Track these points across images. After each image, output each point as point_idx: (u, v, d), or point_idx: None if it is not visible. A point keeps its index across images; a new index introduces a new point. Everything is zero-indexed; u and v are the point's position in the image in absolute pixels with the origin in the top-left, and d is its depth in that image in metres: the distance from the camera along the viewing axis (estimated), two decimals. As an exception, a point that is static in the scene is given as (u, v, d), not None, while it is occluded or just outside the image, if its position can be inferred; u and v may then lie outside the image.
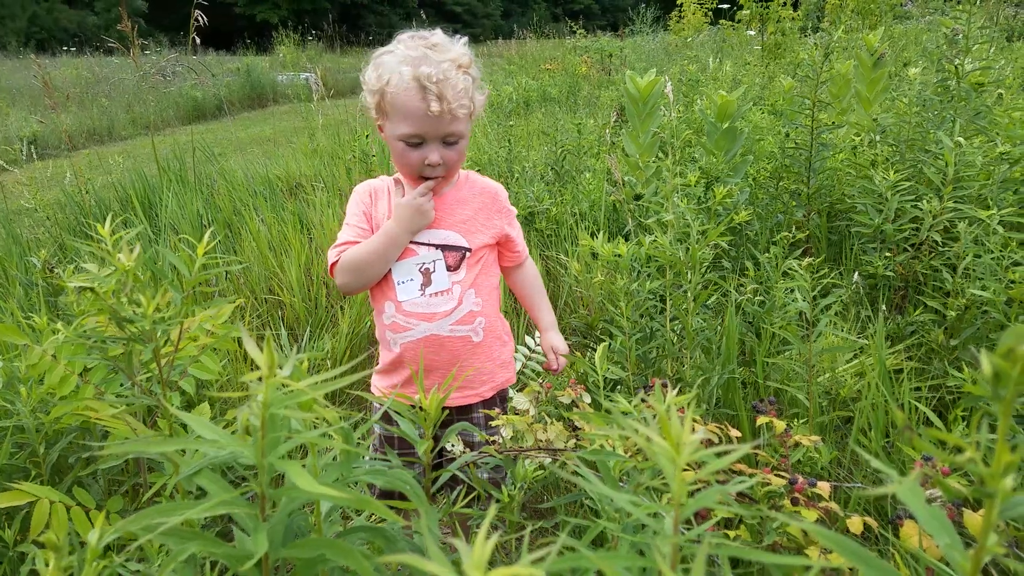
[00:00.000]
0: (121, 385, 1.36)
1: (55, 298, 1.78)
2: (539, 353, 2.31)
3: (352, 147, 4.11)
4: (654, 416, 0.88)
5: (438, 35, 1.41)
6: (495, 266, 1.54)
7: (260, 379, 0.62)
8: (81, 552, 0.67)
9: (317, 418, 0.76)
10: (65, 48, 17.47)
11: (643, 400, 0.95)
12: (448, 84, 1.32)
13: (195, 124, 9.64)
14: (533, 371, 2.28)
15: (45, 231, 3.38)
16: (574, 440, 1.11)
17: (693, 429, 0.58)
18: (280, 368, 0.64)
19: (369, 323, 2.40)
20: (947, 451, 1.33)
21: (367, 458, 0.92)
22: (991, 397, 0.39)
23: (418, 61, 1.32)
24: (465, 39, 1.42)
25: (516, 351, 2.23)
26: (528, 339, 2.38)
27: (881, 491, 0.42)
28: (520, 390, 1.37)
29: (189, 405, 1.80)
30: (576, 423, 1.07)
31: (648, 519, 0.51)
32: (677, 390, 0.95)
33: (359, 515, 0.99)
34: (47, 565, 0.61)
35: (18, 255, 2.75)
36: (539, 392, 1.25)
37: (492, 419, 1.16)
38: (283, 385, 0.65)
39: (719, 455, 0.51)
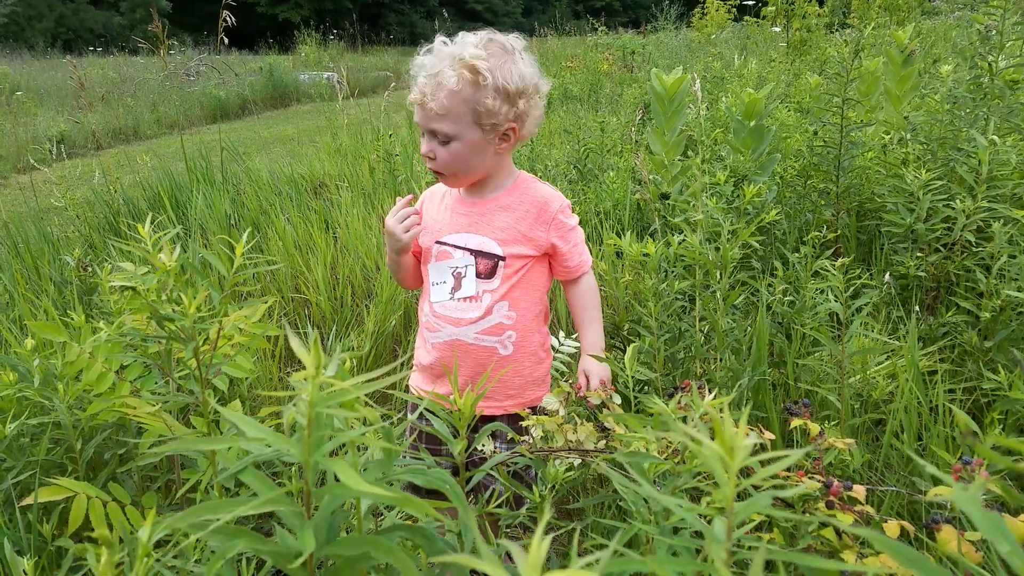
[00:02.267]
0: (156, 383, 1.38)
1: (88, 296, 1.81)
2: (563, 353, 2.31)
3: (376, 146, 4.13)
4: (701, 417, 0.87)
5: (479, 35, 1.37)
6: (542, 278, 1.48)
7: (306, 379, 0.62)
8: (130, 543, 0.68)
9: (357, 417, 0.76)
10: (91, 48, 17.72)
11: (679, 402, 0.95)
12: (432, 78, 1.31)
13: (219, 123, 9.73)
14: (558, 371, 2.28)
15: (75, 230, 3.43)
16: (604, 441, 1.11)
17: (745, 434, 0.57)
18: (325, 368, 0.65)
19: (394, 323, 2.41)
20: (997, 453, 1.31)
21: (405, 457, 0.92)
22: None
23: (429, 50, 1.35)
24: (502, 42, 1.36)
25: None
26: (553, 339, 2.38)
27: (942, 498, 0.42)
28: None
29: (221, 402, 1.82)
30: (606, 424, 1.07)
31: (697, 522, 0.51)
32: (714, 394, 0.94)
33: (390, 511, 1.00)
34: (98, 561, 0.61)
35: (50, 254, 2.80)
36: (568, 393, 1.25)
37: (516, 434, 1.16)
38: (325, 384, 0.65)
39: (765, 462, 0.50)
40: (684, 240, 1.65)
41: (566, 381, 1.40)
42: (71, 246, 3.26)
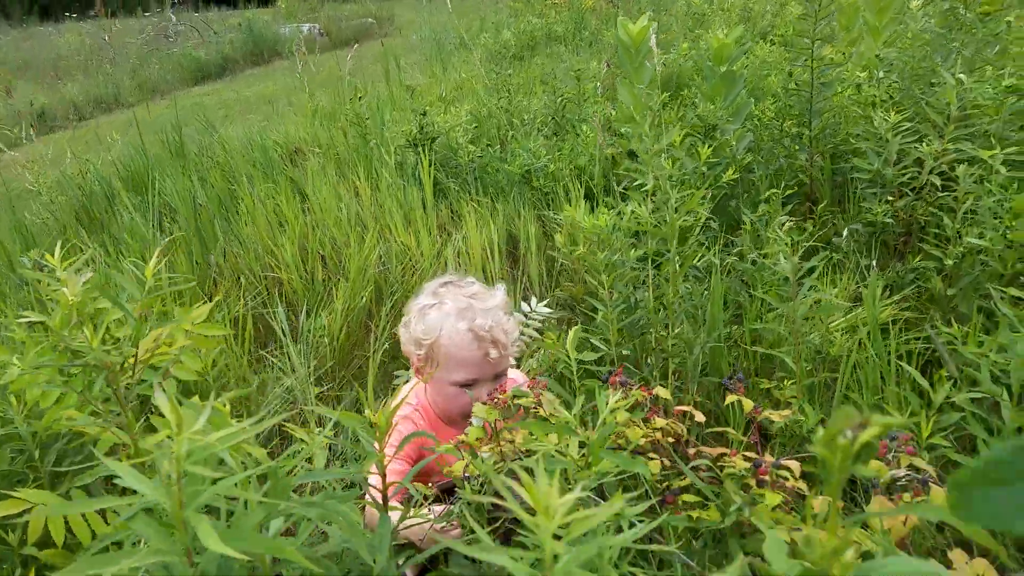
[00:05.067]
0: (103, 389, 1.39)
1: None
2: (535, 319, 2.31)
3: (346, 110, 4.05)
4: (600, 419, 0.88)
5: (474, 284, 1.52)
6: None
7: (170, 437, 0.63)
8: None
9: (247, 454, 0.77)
10: (67, 14, 17.27)
11: (611, 387, 0.95)
12: (500, 330, 1.44)
13: (200, 85, 9.58)
14: (530, 337, 2.29)
15: (51, 215, 3.42)
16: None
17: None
18: (194, 423, 0.65)
19: (365, 298, 2.42)
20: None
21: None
22: (822, 477, 0.39)
23: (469, 313, 1.44)
24: (502, 287, 1.55)
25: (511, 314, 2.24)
26: (524, 304, 2.38)
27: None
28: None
29: (186, 393, 1.84)
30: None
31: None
32: (663, 362, 0.94)
33: (329, 525, 1.02)
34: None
35: (21, 244, 2.80)
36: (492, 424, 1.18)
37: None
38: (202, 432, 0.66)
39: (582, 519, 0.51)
40: (633, 212, 1.63)
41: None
42: (50, 234, 3.26)
